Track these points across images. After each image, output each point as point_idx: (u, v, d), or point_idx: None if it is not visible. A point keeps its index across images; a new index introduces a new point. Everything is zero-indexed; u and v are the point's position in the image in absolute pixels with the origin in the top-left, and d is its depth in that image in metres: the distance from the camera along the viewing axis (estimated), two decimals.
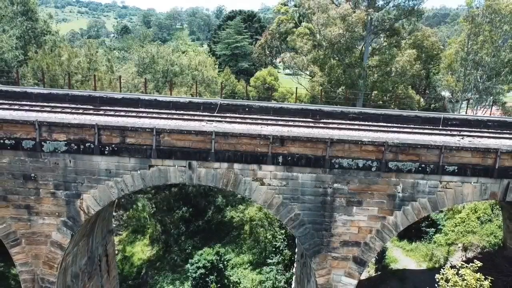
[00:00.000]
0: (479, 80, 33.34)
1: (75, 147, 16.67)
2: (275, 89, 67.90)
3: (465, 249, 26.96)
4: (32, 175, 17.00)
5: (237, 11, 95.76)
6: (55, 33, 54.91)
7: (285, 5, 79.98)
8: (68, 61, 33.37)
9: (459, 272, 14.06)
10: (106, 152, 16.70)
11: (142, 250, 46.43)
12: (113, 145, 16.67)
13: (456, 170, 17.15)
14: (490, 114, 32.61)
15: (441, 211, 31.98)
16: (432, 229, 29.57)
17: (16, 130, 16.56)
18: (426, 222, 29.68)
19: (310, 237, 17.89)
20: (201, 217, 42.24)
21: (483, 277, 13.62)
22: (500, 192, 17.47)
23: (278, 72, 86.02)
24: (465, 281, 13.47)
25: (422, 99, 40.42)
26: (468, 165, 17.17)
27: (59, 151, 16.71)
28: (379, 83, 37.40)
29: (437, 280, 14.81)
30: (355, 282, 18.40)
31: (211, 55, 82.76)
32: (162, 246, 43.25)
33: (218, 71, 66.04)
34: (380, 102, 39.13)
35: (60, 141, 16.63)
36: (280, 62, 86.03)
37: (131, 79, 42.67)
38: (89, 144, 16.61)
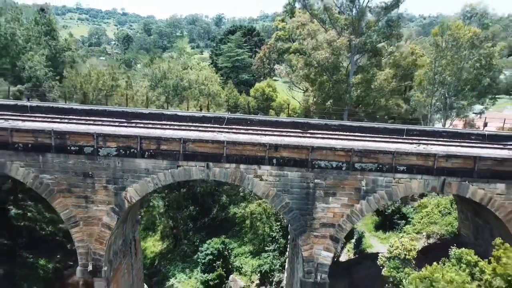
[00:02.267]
0: (445, 96, 39.35)
1: (123, 152, 22.53)
2: (273, 100, 73.87)
3: (428, 237, 32.72)
4: (90, 173, 22.82)
5: (237, 26, 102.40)
6: (74, 50, 61.04)
7: (282, 21, 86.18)
8: (97, 80, 39.38)
9: (401, 240, 19.88)
10: (145, 156, 22.56)
11: (153, 245, 52.09)
12: (151, 151, 22.53)
13: (405, 170, 22.99)
14: (451, 126, 38.59)
15: (412, 207, 37.93)
16: (403, 221, 35.41)
17: (79, 139, 22.42)
18: (398, 215, 35.56)
19: (297, 220, 23.70)
20: (207, 214, 47.95)
21: (416, 242, 19.44)
22: (438, 186, 23.35)
23: (276, 80, 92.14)
24: (403, 245, 19.27)
25: (405, 107, 46.36)
26: (415, 165, 23.04)
27: (111, 155, 22.56)
28: (362, 98, 43.42)
29: (387, 248, 20.63)
30: (331, 255, 24.19)
31: (213, 67, 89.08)
32: (172, 241, 48.98)
33: (221, 81, 72.01)
34: (369, 110, 45.05)
35: (112, 147, 22.49)
36: (278, 72, 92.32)
37: (145, 92, 48.67)
38: (133, 150, 22.47)
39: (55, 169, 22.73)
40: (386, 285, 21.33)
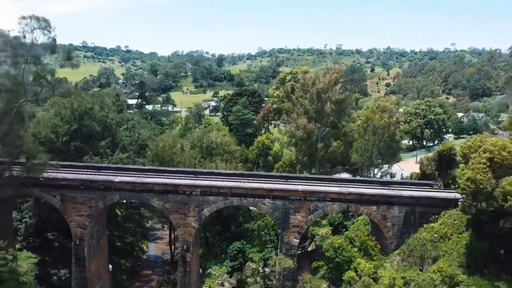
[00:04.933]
0: (372, 157, 67.45)
1: (203, 193, 50.15)
2: (271, 149, 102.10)
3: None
4: (186, 202, 50.27)
5: (243, 89, 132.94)
6: (137, 119, 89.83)
7: (277, 89, 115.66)
8: (168, 149, 67.60)
9: (323, 230, 47.17)
10: (213, 194, 50.18)
11: None
12: (215, 192, 50.17)
13: (330, 199, 50.38)
14: (380, 175, 66.52)
15: (352, 221, 65.18)
16: (344, 229, 62.48)
17: (183, 187, 50.10)
18: (341, 226, 62.71)
19: (282, 224, 50.90)
20: (229, 230, 74.90)
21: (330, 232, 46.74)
22: (346, 207, 50.78)
23: (274, 128, 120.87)
24: (324, 231, 46.55)
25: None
26: (335, 198, 50.46)
27: (197, 194, 50.14)
28: (325, 156, 71.67)
29: (319, 233, 47.88)
30: (298, 240, 51.26)
31: (225, 121, 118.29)
32: (205, 248, 75.65)
33: (232, 137, 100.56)
34: (328, 165, 73.18)
35: (198, 191, 50.11)
36: (275, 125, 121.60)
37: (189, 151, 76.78)
38: (208, 191, 50.11)
39: (172, 201, 50.28)
40: (320, 250, 48.32)
